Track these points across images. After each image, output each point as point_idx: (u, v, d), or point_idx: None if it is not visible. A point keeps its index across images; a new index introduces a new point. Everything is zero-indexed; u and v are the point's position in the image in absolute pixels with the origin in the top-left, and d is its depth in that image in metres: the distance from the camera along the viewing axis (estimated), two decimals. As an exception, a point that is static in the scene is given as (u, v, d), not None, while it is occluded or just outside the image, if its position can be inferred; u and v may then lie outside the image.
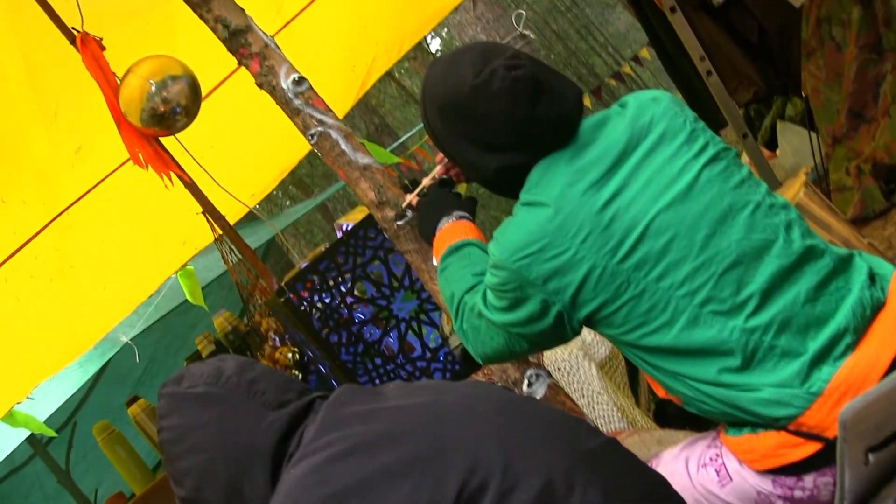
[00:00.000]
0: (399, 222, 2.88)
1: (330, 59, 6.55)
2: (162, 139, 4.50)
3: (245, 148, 6.18)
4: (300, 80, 2.89)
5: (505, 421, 1.80)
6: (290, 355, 4.63)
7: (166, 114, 4.28)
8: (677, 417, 3.22)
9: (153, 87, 4.24)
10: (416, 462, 1.70)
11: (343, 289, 4.26)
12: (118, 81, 4.26)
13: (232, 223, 4.97)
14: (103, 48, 4.20)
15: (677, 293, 2.14)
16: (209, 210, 4.70)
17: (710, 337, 2.13)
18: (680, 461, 2.34)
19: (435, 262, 2.70)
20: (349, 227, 4.73)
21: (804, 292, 2.14)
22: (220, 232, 4.73)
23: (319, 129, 2.88)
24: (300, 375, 4.68)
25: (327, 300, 4.23)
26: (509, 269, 2.23)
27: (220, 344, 4.85)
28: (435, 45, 24.64)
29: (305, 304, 4.18)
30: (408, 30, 7.68)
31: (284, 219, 10.71)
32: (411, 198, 2.85)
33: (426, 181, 2.83)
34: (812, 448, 2.08)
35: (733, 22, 6.50)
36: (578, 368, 4.09)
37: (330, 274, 4.24)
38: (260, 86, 2.91)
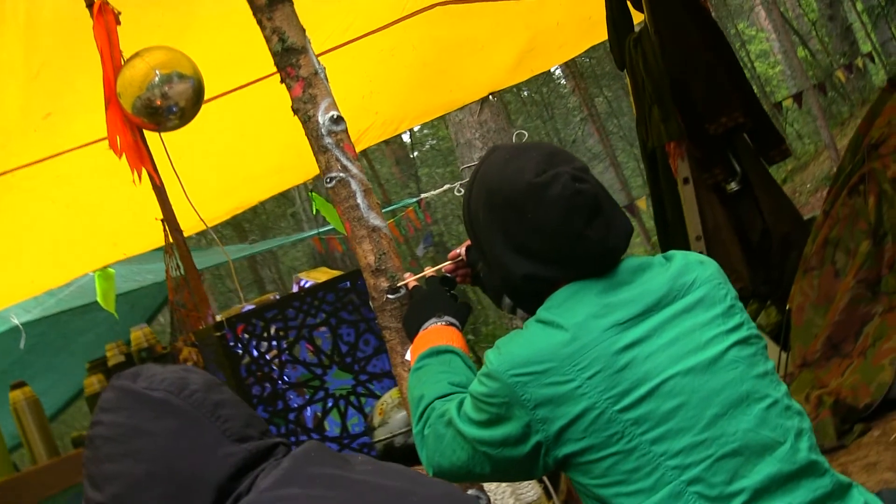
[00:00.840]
0: (390, 296, 2.84)
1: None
2: (146, 132, 4.44)
3: (218, 169, 6.13)
4: (338, 120, 2.87)
5: None
6: (201, 394, 4.52)
7: (161, 109, 4.24)
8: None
9: (157, 78, 4.21)
10: None
11: (283, 345, 4.20)
12: (122, 61, 4.22)
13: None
14: (119, 22, 4.16)
15: (668, 462, 2.09)
16: (169, 218, 4.62)
17: None
18: None
19: (408, 357, 2.66)
20: (307, 284, 4.69)
21: None
22: (171, 242, 4.64)
23: (341, 174, 2.85)
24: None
25: (262, 350, 4.17)
26: (503, 381, 2.17)
27: (131, 358, 4.74)
28: (406, 137, 24.84)
29: (240, 346, 4.11)
30: (412, 111, 7.72)
31: (218, 254, 10.59)
32: (412, 279, 2.83)
33: (431, 270, 2.80)
34: None
35: (740, 213, 6.62)
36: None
37: (274, 324, 4.18)
38: (295, 111, 2.88)
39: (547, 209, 2.21)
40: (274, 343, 4.16)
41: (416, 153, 27.13)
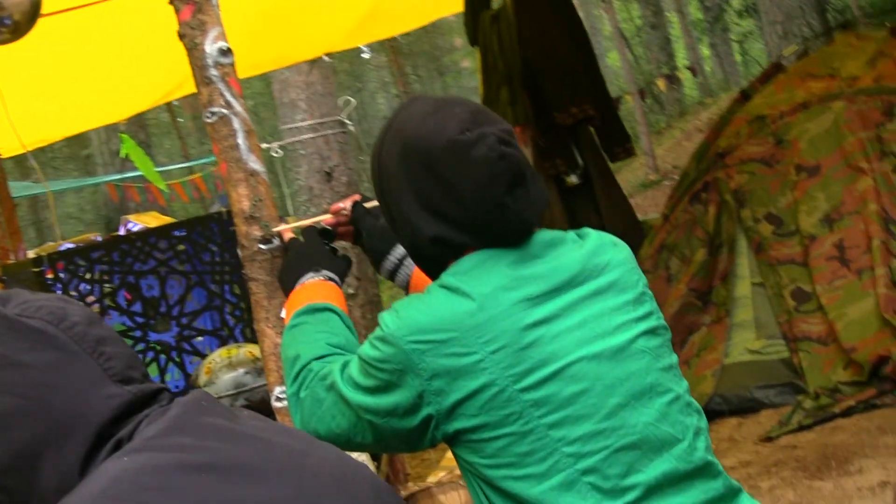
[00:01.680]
0: (262, 247, 2.76)
1: (151, 48, 6.36)
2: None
3: (46, 92, 5.87)
4: (227, 52, 2.78)
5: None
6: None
7: (-9, 19, 4.04)
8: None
9: (-12, -15, 4.01)
10: None
11: (105, 289, 4.07)
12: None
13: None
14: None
15: (564, 449, 2.07)
16: (-12, 138, 4.42)
17: None
18: None
19: (283, 315, 2.59)
20: (136, 228, 4.55)
21: None
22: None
23: (224, 111, 2.76)
24: None
25: (84, 293, 4.03)
26: (399, 347, 2.11)
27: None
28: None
29: (59, 286, 3.96)
30: (240, 63, 7.53)
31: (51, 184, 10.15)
32: (286, 228, 2.75)
33: (308, 221, 2.74)
34: None
35: (576, 209, 6.74)
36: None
37: (98, 267, 4.05)
38: (181, 36, 2.78)
39: (468, 171, 2.15)
40: (98, 287, 4.02)
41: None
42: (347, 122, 9.86)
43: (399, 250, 2.66)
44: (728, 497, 2.18)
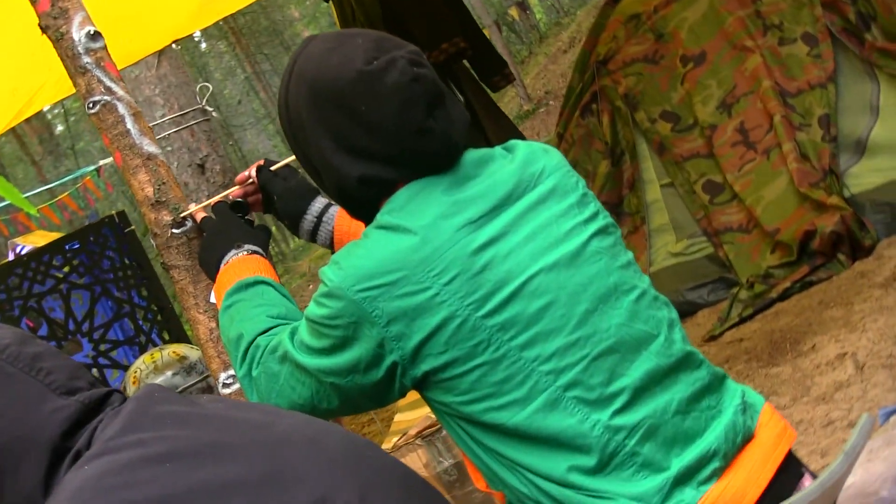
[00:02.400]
0: (175, 231, 2.71)
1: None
2: None
3: None
4: (95, 36, 2.70)
5: (355, 462, 1.68)
6: None
7: None
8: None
9: None
10: (247, 485, 1.55)
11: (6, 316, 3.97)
12: None
13: None
14: None
15: (541, 367, 2.05)
16: None
17: (567, 426, 2.05)
18: None
19: (214, 300, 2.54)
20: (25, 250, 4.45)
21: (676, 402, 2.11)
22: None
23: (106, 97, 2.69)
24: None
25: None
26: (348, 299, 2.07)
27: None
28: (47, 111, 23.92)
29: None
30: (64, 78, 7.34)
31: None
32: (197, 208, 2.70)
33: (217, 198, 2.69)
34: None
35: (466, 144, 6.71)
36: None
37: (-4, 297, 3.95)
38: (44, 29, 2.70)
39: (383, 101, 2.11)
40: (-3, 317, 3.92)
41: (61, 127, 26.17)
42: (209, 108, 9.73)
43: (315, 207, 2.63)
44: (714, 385, 2.20)
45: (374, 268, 2.07)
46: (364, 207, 2.25)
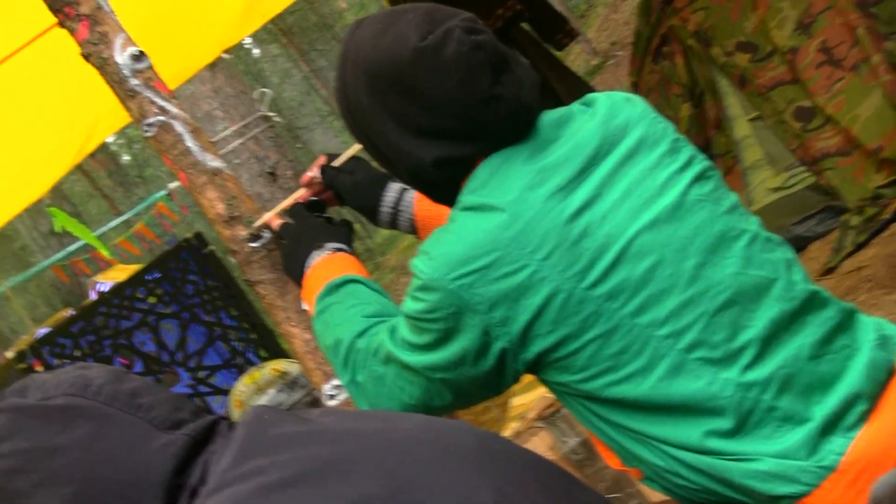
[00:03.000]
0: (253, 244, 2.67)
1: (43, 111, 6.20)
2: None
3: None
4: (140, 56, 2.67)
5: (484, 459, 1.62)
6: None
7: None
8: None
9: None
10: (379, 499, 1.49)
11: (98, 358, 3.97)
12: None
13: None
14: None
15: (658, 332, 1.98)
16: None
17: (696, 390, 1.97)
18: None
19: (306, 307, 2.49)
20: (107, 287, 4.45)
21: (808, 346, 2.02)
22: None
23: (160, 118, 2.66)
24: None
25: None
26: (444, 289, 2.01)
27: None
28: (111, 142, 24.20)
29: (52, 374, 3.86)
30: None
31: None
32: (270, 215, 2.65)
33: (287, 202, 2.64)
34: None
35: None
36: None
37: (84, 339, 3.95)
38: (87, 57, 2.68)
39: (444, 76, 2.04)
40: (90, 360, 3.92)
41: (127, 157, 26.50)
42: (270, 114, 9.76)
43: (389, 197, 2.58)
44: (845, 322, 2.10)
45: (466, 253, 2.01)
46: (444, 190, 2.19)
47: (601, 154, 2.09)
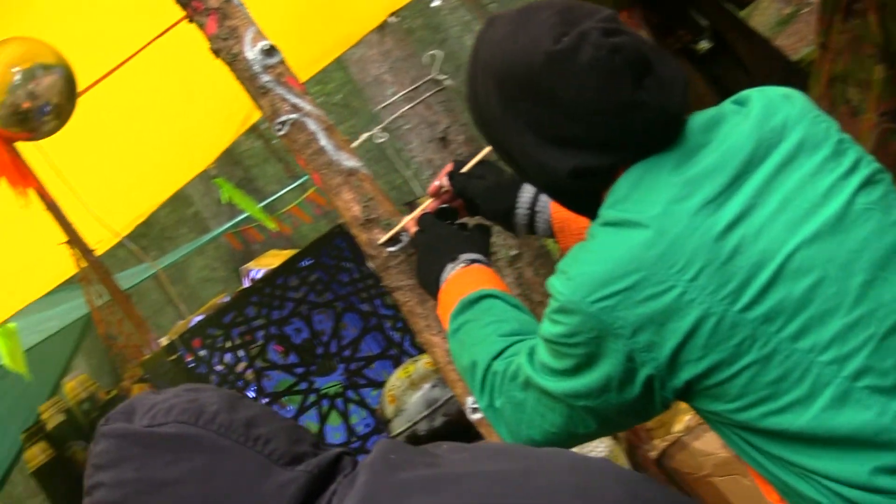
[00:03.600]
0: (391, 248, 2.60)
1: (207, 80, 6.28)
2: (19, 144, 4.19)
3: (112, 170, 5.83)
4: (271, 51, 2.62)
5: None
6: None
7: (31, 112, 4.02)
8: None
9: (17, 77, 3.98)
10: None
11: (251, 349, 3.96)
12: (-31, 65, 3.98)
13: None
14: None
15: (820, 358, 1.85)
16: (75, 239, 4.35)
17: (864, 422, 1.84)
18: None
19: (442, 324, 2.42)
20: (259, 274, 4.45)
21: None
22: (85, 267, 4.38)
23: (293, 116, 2.61)
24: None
25: (230, 361, 3.93)
26: (584, 312, 1.91)
27: (72, 414, 4.48)
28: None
29: (203, 365, 3.86)
30: (301, 60, 7.42)
31: (123, 280, 10.22)
32: (409, 220, 2.58)
33: (417, 212, 2.57)
34: None
35: (720, 73, 6.45)
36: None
37: (235, 330, 3.94)
38: (216, 52, 2.64)
39: (581, 81, 1.93)
40: (242, 352, 3.91)
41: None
42: (442, 76, 9.71)
43: (524, 198, 2.49)
44: None
45: (607, 273, 1.91)
46: (584, 202, 2.10)
47: (756, 160, 1.97)
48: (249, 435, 1.51)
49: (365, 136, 3.57)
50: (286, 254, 4.31)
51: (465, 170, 2.53)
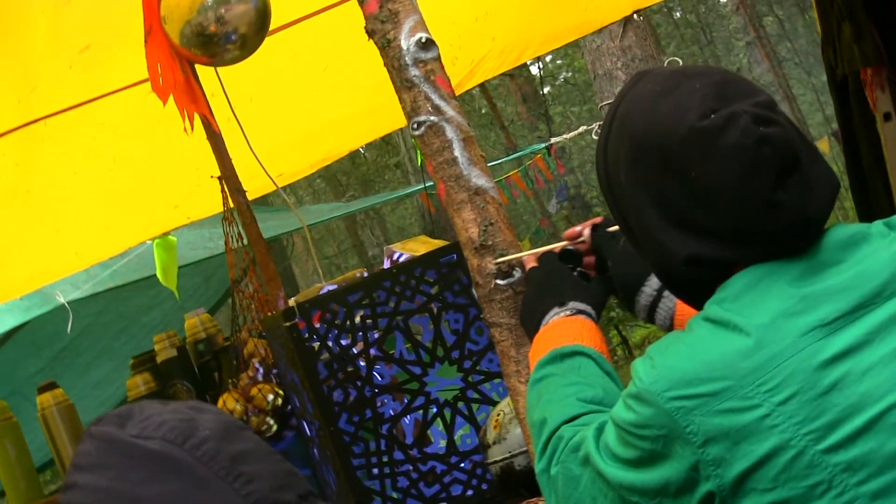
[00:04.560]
0: (500, 282, 2.51)
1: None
2: (199, 67, 4.19)
3: (293, 113, 5.85)
4: (428, 44, 2.54)
5: None
6: (270, 397, 4.28)
7: (216, 37, 4.02)
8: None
9: (210, 0, 3.96)
10: None
11: (371, 336, 3.89)
12: (168, -23, 3.99)
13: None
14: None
15: None
16: (229, 176, 4.34)
17: None
18: None
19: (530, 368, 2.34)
20: (401, 258, 4.38)
21: None
22: (232, 207, 4.38)
23: (433, 118, 2.53)
24: (275, 427, 4.32)
25: (345, 343, 3.87)
26: (659, 406, 1.82)
27: (185, 352, 4.49)
28: (534, 70, 24.37)
29: (316, 338, 3.81)
30: (538, 36, 7.36)
31: (308, 214, 10.32)
32: (528, 255, 2.49)
33: (543, 250, 2.51)
34: None
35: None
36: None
37: (360, 311, 3.88)
38: (371, 33, 2.57)
39: (720, 166, 1.84)
40: (360, 335, 3.85)
41: (546, 88, 26.68)
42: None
43: (655, 280, 2.40)
44: None
45: (693, 372, 1.83)
46: (692, 291, 2.01)
47: (886, 294, 1.85)
48: (232, 470, 1.43)
49: (583, 129, 3.46)
50: (436, 243, 4.23)
51: (611, 229, 2.44)
